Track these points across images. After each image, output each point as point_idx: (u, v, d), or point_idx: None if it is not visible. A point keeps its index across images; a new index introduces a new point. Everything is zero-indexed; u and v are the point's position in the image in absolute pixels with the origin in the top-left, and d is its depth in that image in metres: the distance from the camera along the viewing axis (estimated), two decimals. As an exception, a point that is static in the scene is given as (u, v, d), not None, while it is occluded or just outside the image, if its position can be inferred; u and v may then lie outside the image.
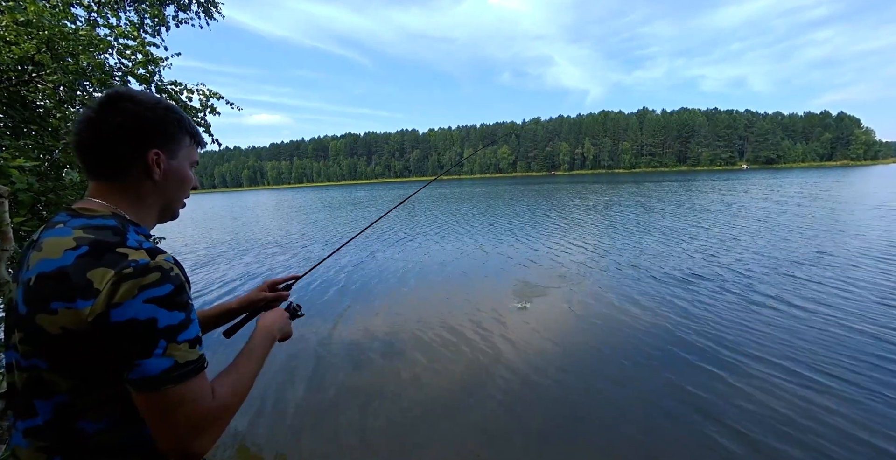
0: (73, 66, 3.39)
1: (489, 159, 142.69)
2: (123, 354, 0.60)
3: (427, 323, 5.23)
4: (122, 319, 0.59)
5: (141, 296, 0.60)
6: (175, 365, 0.62)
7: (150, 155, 0.74)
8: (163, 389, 0.61)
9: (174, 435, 0.62)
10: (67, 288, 0.59)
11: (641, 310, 5.31)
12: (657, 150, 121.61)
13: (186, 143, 0.81)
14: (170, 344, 0.62)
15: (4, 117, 3.47)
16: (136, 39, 3.98)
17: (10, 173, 2.43)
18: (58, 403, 0.62)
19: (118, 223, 0.69)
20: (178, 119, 0.78)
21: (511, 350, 4.35)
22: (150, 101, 0.74)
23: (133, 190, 0.75)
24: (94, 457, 0.64)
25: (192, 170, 0.85)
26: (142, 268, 0.61)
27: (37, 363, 0.62)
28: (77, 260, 0.61)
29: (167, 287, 0.63)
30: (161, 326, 0.61)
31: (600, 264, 7.95)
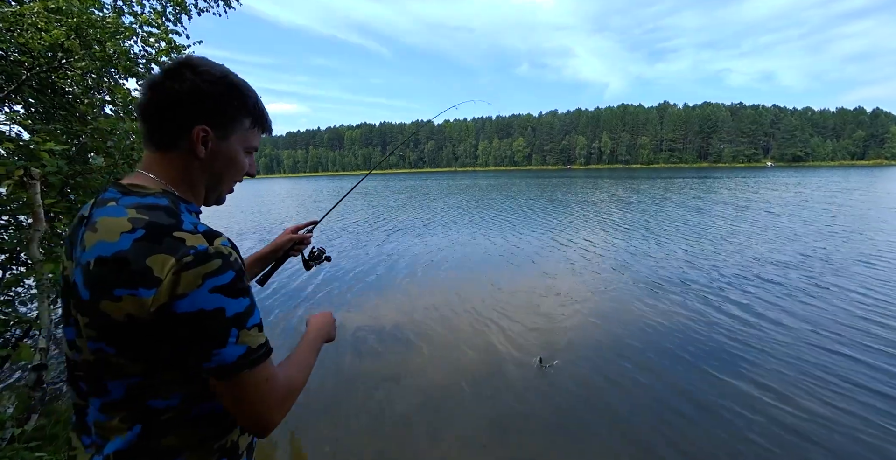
0: (101, 53, 3.48)
1: (504, 151, 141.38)
2: (197, 344, 0.61)
3: (439, 311, 5.29)
4: (190, 310, 0.59)
5: (205, 285, 0.59)
6: (248, 351, 0.63)
7: (197, 130, 0.69)
8: (239, 375, 0.63)
9: (253, 414, 0.66)
10: (128, 274, 0.58)
11: (661, 304, 5.27)
12: (677, 146, 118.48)
13: (245, 126, 0.75)
14: (241, 331, 0.63)
15: (35, 102, 3.60)
16: (160, 27, 4.05)
17: (42, 156, 2.52)
18: (128, 384, 0.64)
19: (170, 202, 0.67)
20: (240, 98, 0.73)
21: (525, 340, 4.38)
22: (214, 74, 0.70)
23: (180, 163, 0.72)
24: (168, 428, 0.66)
25: (250, 155, 0.80)
26: (202, 255, 0.60)
27: (104, 347, 0.62)
28: (134, 244, 0.59)
29: (229, 274, 0.62)
30: (230, 315, 0.61)
31: (619, 258, 7.89)
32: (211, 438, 0.70)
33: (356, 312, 5.44)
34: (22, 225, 2.70)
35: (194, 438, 0.68)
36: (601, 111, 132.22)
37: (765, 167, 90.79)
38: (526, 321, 4.92)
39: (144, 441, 0.65)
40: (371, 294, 6.22)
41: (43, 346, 2.21)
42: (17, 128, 3.37)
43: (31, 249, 2.30)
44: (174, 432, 0.66)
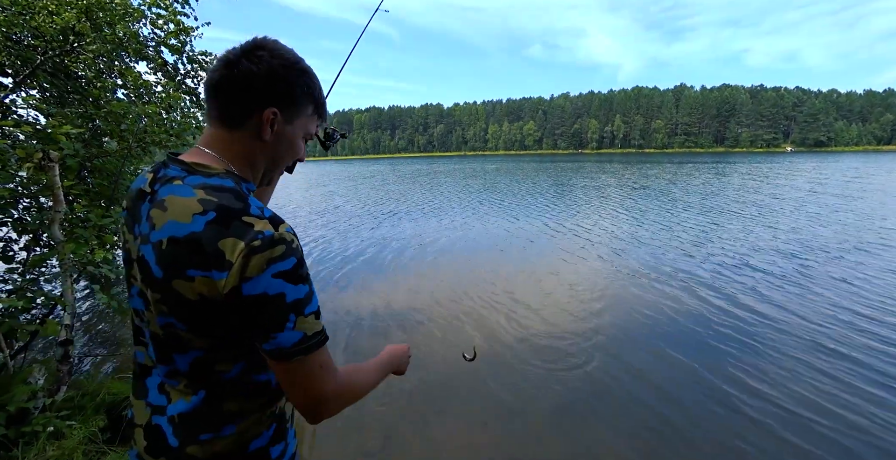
0: (111, 36, 3.48)
1: (514, 135, 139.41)
2: (258, 326, 0.63)
3: (445, 293, 5.37)
4: (254, 293, 0.61)
5: (269, 270, 0.61)
6: (304, 338, 0.65)
7: (268, 112, 0.70)
8: (295, 359, 0.65)
9: (306, 398, 0.68)
10: (202, 256, 0.61)
11: (679, 292, 5.25)
12: (692, 130, 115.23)
13: (308, 112, 0.77)
14: (298, 317, 0.64)
15: (50, 86, 3.65)
16: (168, 9, 4.03)
17: (59, 139, 2.58)
18: (193, 357, 0.67)
19: (235, 184, 0.68)
20: (309, 85, 0.75)
21: (537, 325, 4.42)
22: (289, 59, 0.71)
23: (244, 143, 0.72)
24: (229, 394, 0.70)
25: (306, 143, 0.82)
26: (268, 240, 0.61)
27: (173, 322, 0.65)
28: (207, 227, 0.61)
29: (291, 260, 0.63)
30: (289, 301, 0.63)
31: (636, 243, 7.86)
32: (266, 405, 0.74)
33: (358, 292, 5.55)
34: (43, 207, 2.78)
35: (253, 404, 0.72)
36: (614, 94, 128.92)
37: (784, 152, 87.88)
38: (540, 306, 4.98)
39: (207, 405, 0.69)
40: (370, 275, 6.33)
41: (67, 323, 2.32)
42: (33, 112, 3.43)
43: (53, 230, 2.39)
44: (234, 398, 0.70)
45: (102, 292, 2.46)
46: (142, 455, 0.72)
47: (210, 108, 0.71)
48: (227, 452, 0.70)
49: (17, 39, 3.28)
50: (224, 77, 0.68)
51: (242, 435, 0.71)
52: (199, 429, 0.69)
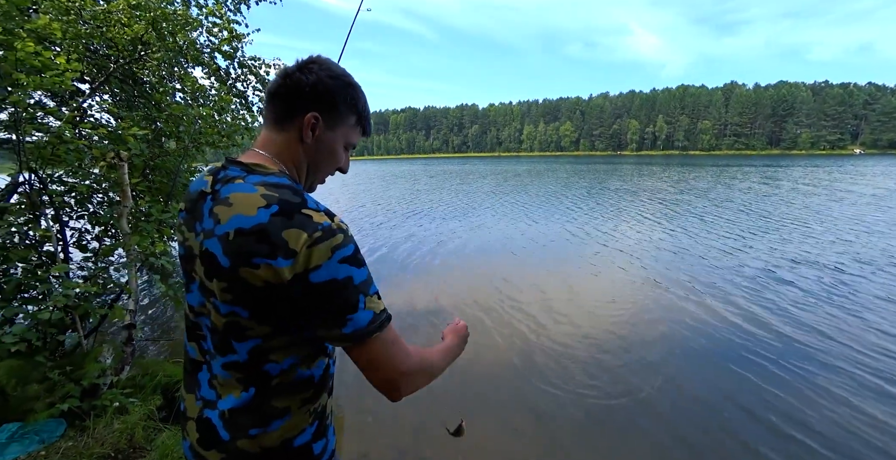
0: (173, 44, 3.75)
1: (550, 136, 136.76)
2: (332, 311, 0.66)
3: (475, 296, 5.38)
4: (324, 280, 0.65)
5: (335, 256, 0.65)
6: (375, 316, 0.69)
7: (309, 116, 0.76)
8: (373, 337, 0.69)
9: (386, 375, 0.72)
10: (268, 245, 0.64)
11: (717, 302, 5.02)
12: (743, 130, 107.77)
13: (350, 122, 0.82)
14: (367, 297, 0.69)
15: (120, 91, 3.99)
16: (222, 17, 4.27)
17: (128, 140, 2.82)
18: (252, 346, 0.70)
19: (291, 182, 0.73)
20: (353, 97, 0.80)
21: (569, 332, 4.35)
22: (336, 73, 0.78)
23: (290, 144, 0.78)
24: (278, 391, 0.73)
25: (347, 152, 0.87)
26: (328, 230, 0.66)
27: (238, 310, 0.69)
28: (272, 218, 0.65)
29: (351, 246, 0.68)
30: (357, 283, 0.67)
31: (669, 250, 7.56)
32: (309, 401, 0.77)
33: (392, 290, 5.65)
34: (113, 202, 3.04)
35: (297, 401, 0.76)
36: (657, 93, 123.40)
37: (851, 155, 79.91)
38: (573, 312, 4.90)
39: (258, 401, 0.72)
40: (408, 274, 6.41)
41: (132, 308, 2.53)
42: (105, 115, 3.76)
43: (121, 223, 2.62)
44: (282, 395, 0.74)
45: (161, 282, 2.67)
46: (194, 447, 0.77)
47: (267, 113, 0.79)
48: (275, 447, 0.74)
49: (94, 50, 3.60)
50: (280, 86, 0.77)
51: (289, 431, 0.75)
52: (248, 424, 0.73)
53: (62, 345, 2.23)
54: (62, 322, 2.08)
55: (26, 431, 1.83)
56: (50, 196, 2.59)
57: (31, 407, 1.85)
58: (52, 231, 2.45)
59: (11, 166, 2.53)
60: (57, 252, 2.45)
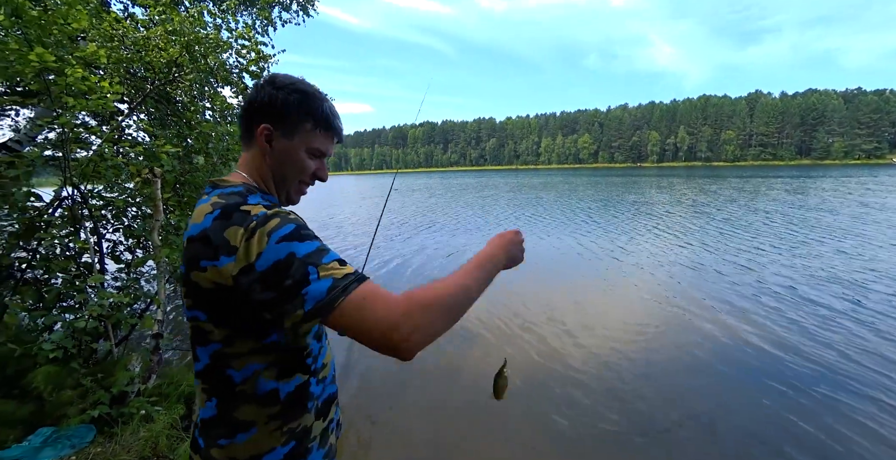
0: (204, 66, 3.95)
1: (568, 148, 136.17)
2: (286, 292, 0.63)
3: (488, 313, 5.30)
4: (268, 265, 0.64)
5: (272, 239, 0.65)
6: (335, 281, 0.64)
7: (261, 128, 0.79)
8: (338, 305, 0.63)
9: (373, 336, 0.63)
10: (211, 247, 0.66)
11: (738, 323, 4.77)
12: (770, 140, 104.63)
13: (307, 127, 0.82)
14: (318, 267, 0.64)
15: (155, 111, 4.22)
16: (250, 40, 4.49)
17: (161, 157, 2.97)
18: (213, 351, 0.72)
19: (245, 189, 0.76)
20: (305, 103, 0.81)
21: (579, 355, 4.20)
22: (285, 84, 0.81)
23: (255, 159, 0.82)
24: (239, 402, 0.73)
25: (319, 159, 0.87)
26: (262, 217, 0.67)
27: (197, 314, 0.72)
28: (213, 222, 0.68)
29: (290, 226, 0.67)
30: (301, 256, 0.64)
31: (687, 266, 7.33)
32: (277, 417, 0.75)
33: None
34: (146, 215, 3.19)
35: (262, 415, 0.74)
36: (678, 104, 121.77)
37: (889, 164, 75.96)
38: (594, 328, 4.79)
39: (222, 411, 0.74)
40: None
41: (160, 318, 2.63)
42: (141, 133, 3.97)
43: (153, 236, 2.74)
44: (244, 406, 0.74)
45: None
46: (188, 449, 0.84)
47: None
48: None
49: (133, 72, 3.83)
50: (242, 109, 0.84)
51: (255, 448, 0.74)
52: (217, 434, 0.75)
53: (95, 353, 2.33)
54: (96, 330, 2.17)
55: (59, 436, 1.90)
56: (90, 210, 2.74)
57: (64, 413, 1.93)
58: (90, 243, 2.59)
59: (55, 181, 2.70)
60: (94, 263, 2.58)
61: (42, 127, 2.71)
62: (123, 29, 3.49)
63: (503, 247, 0.87)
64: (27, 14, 2.13)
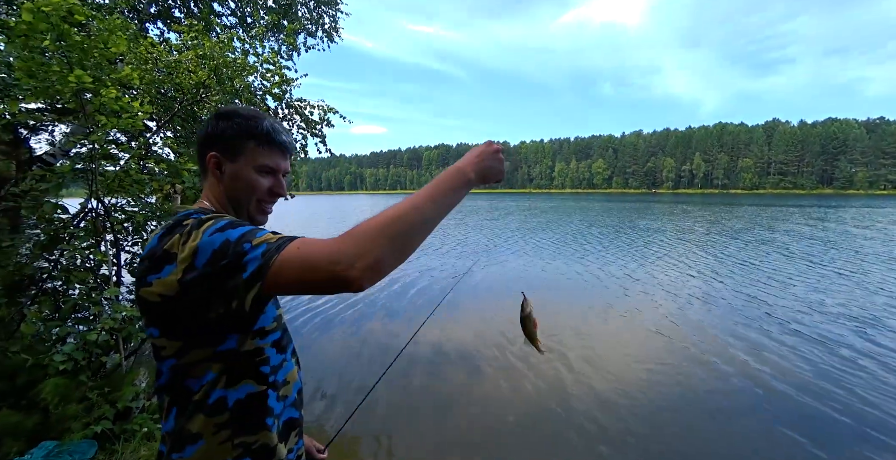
0: (230, 88, 4.12)
1: (582, 173, 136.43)
2: (226, 269, 0.64)
3: (486, 341, 5.17)
4: (206, 258, 0.65)
5: (205, 234, 0.67)
6: (269, 245, 0.65)
7: (209, 156, 0.83)
8: (274, 261, 0.62)
9: (315, 275, 0.62)
10: (155, 261, 0.69)
11: (751, 361, 4.55)
12: (790, 169, 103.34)
13: (249, 146, 0.83)
14: (252, 240, 0.66)
15: (181, 129, 4.39)
16: (275, 64, 4.69)
17: (183, 174, 3.07)
18: (170, 365, 0.72)
19: (195, 211, 0.78)
20: (242, 125, 0.83)
21: (601, 380, 4.07)
22: (227, 114, 0.85)
23: (210, 187, 0.86)
24: (193, 412, 0.72)
25: (272, 176, 0.87)
26: (196, 221, 0.71)
27: (151, 331, 0.73)
28: (158, 239, 0.71)
29: (222, 221, 0.70)
30: (234, 238, 0.66)
31: (698, 297, 7.10)
32: (226, 427, 0.73)
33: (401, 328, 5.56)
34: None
35: (210, 426, 0.72)
36: (693, 130, 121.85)
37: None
38: (605, 360, 4.63)
39: (178, 424, 0.72)
40: (414, 313, 6.23)
41: (170, 333, 2.62)
42: (167, 150, 4.13)
43: (170, 250, 2.78)
44: (195, 415, 0.72)
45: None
46: None
47: None
48: None
49: (163, 92, 4.02)
50: (196, 145, 0.88)
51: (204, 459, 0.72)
52: (173, 448, 0.73)
53: (104, 366, 2.33)
54: (107, 343, 2.18)
55: (61, 450, 1.88)
56: (112, 223, 2.81)
57: (68, 427, 1.92)
58: (109, 256, 2.64)
59: (81, 193, 2.79)
60: (111, 275, 2.62)
61: (75, 142, 2.84)
62: (157, 53, 3.69)
63: (471, 160, 0.79)
64: (71, 39, 2.27)
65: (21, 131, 3.04)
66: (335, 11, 7.19)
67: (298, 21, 6.74)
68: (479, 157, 0.81)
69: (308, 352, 4.83)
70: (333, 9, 7.16)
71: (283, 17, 6.44)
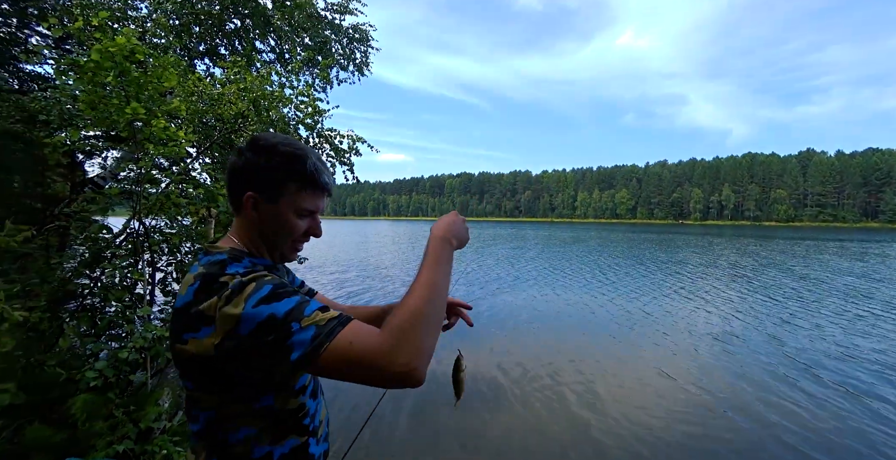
0: (266, 118, 4.37)
1: (605, 203, 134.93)
2: (271, 347, 0.63)
3: (535, 372, 5.01)
4: (250, 329, 0.64)
5: (249, 303, 0.65)
6: (318, 329, 0.64)
7: (246, 196, 0.79)
8: (323, 350, 0.62)
9: (368, 375, 0.63)
10: (190, 320, 0.68)
11: (778, 416, 4.14)
12: (828, 201, 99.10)
13: (291, 190, 0.80)
14: (301, 319, 0.64)
15: (219, 156, 4.65)
16: (309, 96, 4.96)
17: (218, 199, 3.21)
18: (207, 416, 0.73)
19: (228, 256, 0.76)
20: (285, 165, 0.79)
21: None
22: (265, 147, 0.79)
23: (244, 225, 0.83)
24: None
25: (310, 217, 0.84)
26: (237, 285, 0.67)
27: (187, 384, 0.73)
28: (194, 294, 0.69)
29: (266, 287, 0.67)
30: (282, 315, 0.64)
31: (721, 340, 6.64)
32: None
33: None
34: (198, 251, 3.38)
35: None
36: (721, 161, 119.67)
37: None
38: (633, 399, 4.39)
39: None
40: (470, 343, 6.16)
41: (195, 352, 2.66)
42: (205, 175, 4.36)
43: (201, 271, 2.87)
44: None
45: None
46: None
47: None
48: None
49: (204, 122, 4.30)
50: (226, 175, 0.83)
51: None
52: None
53: (131, 384, 2.37)
54: (136, 361, 2.24)
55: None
56: (150, 243, 2.95)
57: (93, 444, 1.94)
58: (145, 275, 2.75)
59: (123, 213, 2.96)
60: (145, 294, 2.72)
61: (124, 167, 3.04)
62: (203, 86, 3.98)
63: (450, 233, 0.85)
64: (130, 75, 2.49)
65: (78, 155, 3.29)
66: (366, 47, 7.64)
67: (332, 57, 7.18)
68: (456, 228, 0.87)
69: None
70: (365, 45, 7.61)
71: (318, 52, 6.88)
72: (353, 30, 7.43)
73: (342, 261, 16.56)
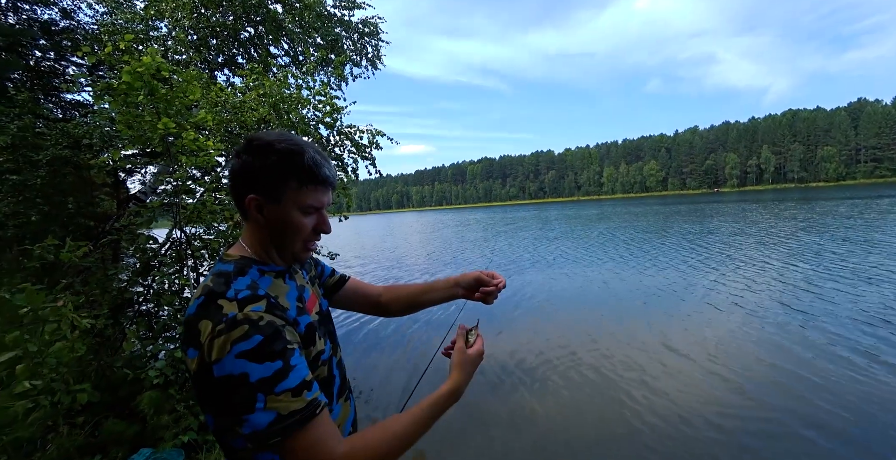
0: (287, 121, 4.48)
1: (633, 177, 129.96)
2: (230, 408, 0.63)
3: (572, 352, 5.00)
4: (222, 374, 0.63)
5: (233, 351, 0.63)
6: (278, 418, 0.63)
7: (248, 200, 0.77)
8: (272, 443, 0.63)
9: None
10: (191, 335, 0.67)
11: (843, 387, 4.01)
12: (885, 154, 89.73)
13: (292, 187, 0.78)
14: (268, 396, 0.63)
15: (246, 162, 4.82)
16: (326, 95, 5.03)
17: (248, 203, 3.35)
18: (210, 421, 0.71)
19: (236, 268, 0.76)
20: (282, 164, 0.77)
21: (667, 399, 3.79)
22: (261, 147, 0.77)
23: (252, 229, 0.82)
24: None
25: (316, 213, 0.83)
26: (230, 322, 0.65)
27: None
28: (196, 309, 0.69)
29: (255, 338, 0.64)
30: (254, 380, 0.62)
31: (801, 314, 6.40)
32: None
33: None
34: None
35: None
36: (757, 122, 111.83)
37: None
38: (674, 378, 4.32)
39: None
40: (504, 325, 6.24)
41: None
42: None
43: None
44: None
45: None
46: None
47: None
48: None
49: (230, 131, 4.47)
50: (228, 179, 0.84)
51: None
52: None
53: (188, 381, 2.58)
54: (191, 359, 2.42)
55: (157, 457, 2.09)
56: (192, 250, 3.14)
57: (161, 436, 2.13)
58: (190, 280, 2.94)
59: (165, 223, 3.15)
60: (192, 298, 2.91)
61: (162, 180, 3.23)
62: (225, 96, 4.12)
63: (468, 378, 0.88)
64: (158, 92, 2.63)
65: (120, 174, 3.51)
66: (377, 41, 7.63)
67: (344, 53, 7.22)
68: (473, 367, 0.91)
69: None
70: (375, 39, 7.61)
71: (331, 51, 6.94)
72: (362, 24, 7.43)
73: (371, 256, 16.85)
